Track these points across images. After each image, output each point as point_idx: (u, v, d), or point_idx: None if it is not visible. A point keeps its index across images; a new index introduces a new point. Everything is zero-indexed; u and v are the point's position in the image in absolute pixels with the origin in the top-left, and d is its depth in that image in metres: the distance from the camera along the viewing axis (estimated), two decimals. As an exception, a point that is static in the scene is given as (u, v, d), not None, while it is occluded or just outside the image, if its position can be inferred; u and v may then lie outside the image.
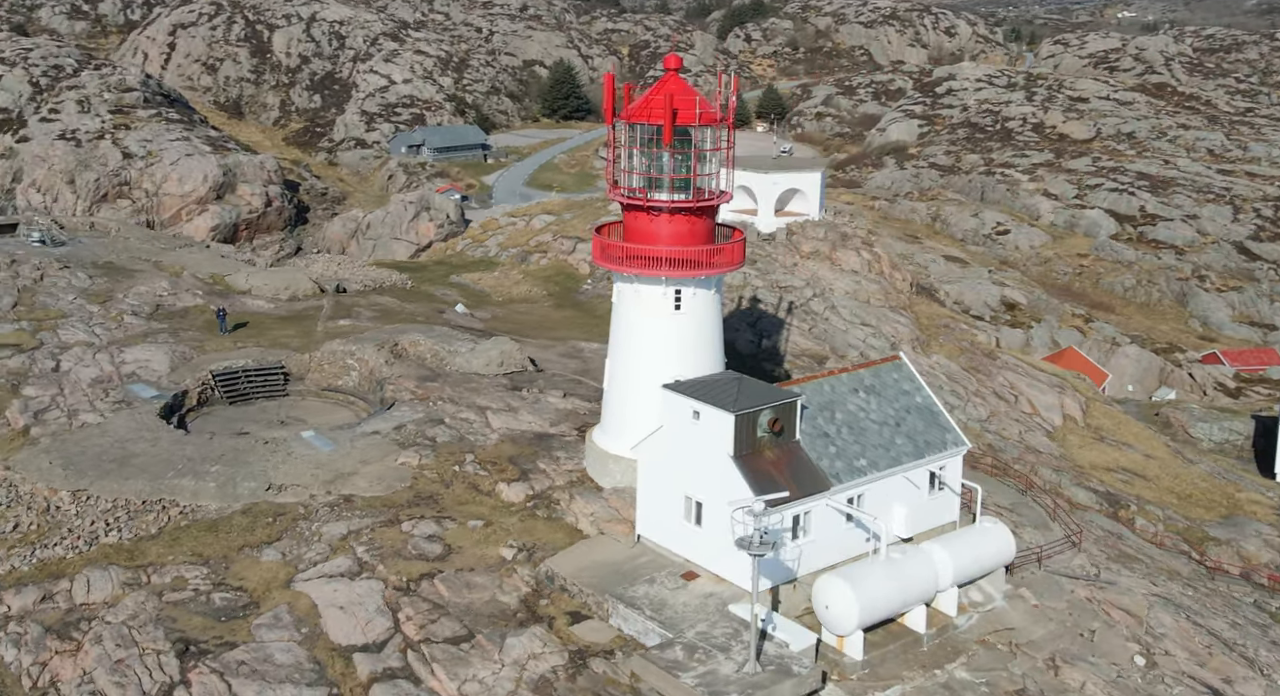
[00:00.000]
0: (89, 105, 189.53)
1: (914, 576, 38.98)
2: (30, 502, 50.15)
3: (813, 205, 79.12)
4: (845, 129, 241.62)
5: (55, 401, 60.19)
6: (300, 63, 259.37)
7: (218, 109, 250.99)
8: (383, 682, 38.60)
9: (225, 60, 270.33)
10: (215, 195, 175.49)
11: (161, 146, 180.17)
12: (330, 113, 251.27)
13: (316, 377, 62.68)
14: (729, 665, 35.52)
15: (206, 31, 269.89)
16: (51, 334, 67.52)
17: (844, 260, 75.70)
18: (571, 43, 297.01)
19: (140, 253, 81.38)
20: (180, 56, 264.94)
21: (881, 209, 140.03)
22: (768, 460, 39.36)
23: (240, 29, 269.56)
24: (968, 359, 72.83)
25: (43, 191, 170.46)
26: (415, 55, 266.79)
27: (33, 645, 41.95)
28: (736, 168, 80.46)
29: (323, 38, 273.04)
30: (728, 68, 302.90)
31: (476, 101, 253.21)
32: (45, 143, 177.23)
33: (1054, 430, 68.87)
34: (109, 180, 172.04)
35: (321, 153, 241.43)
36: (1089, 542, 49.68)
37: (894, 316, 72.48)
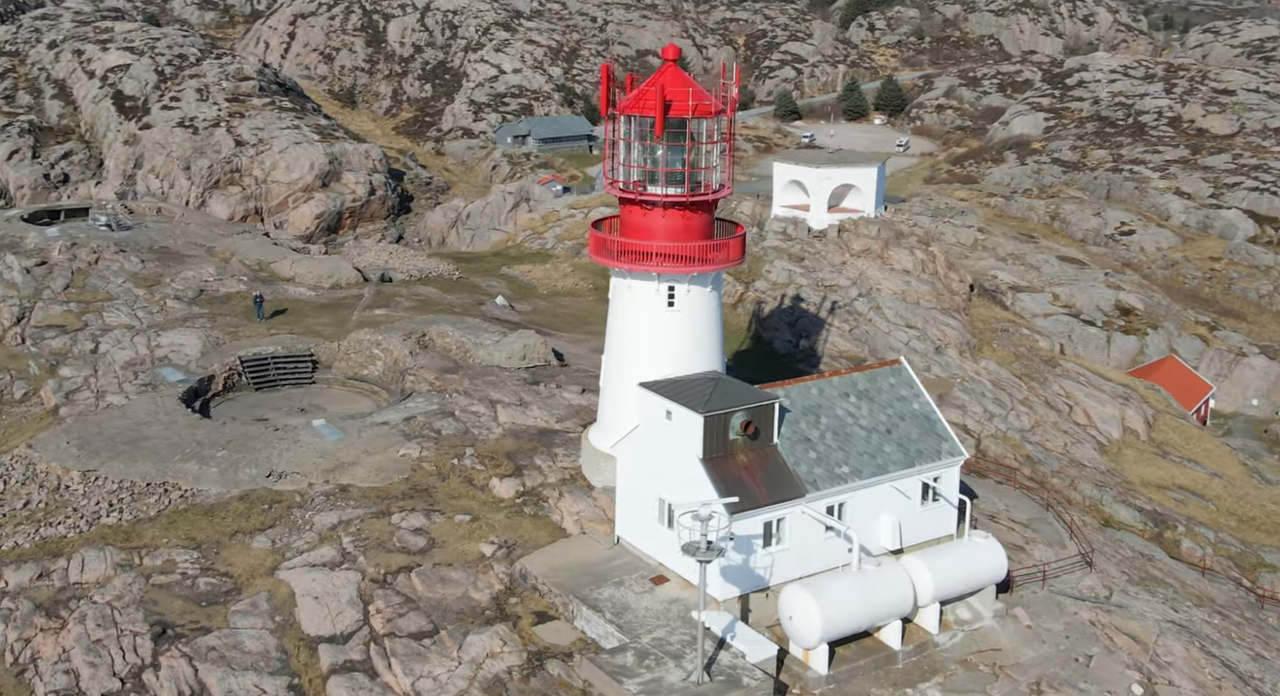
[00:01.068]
0: (208, 93, 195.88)
1: (887, 590, 37.93)
2: (43, 481, 51.87)
3: (868, 201, 77.58)
4: (967, 122, 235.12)
5: (87, 382, 62.23)
6: (413, 52, 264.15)
7: (332, 98, 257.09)
8: (340, 675, 39.00)
9: (341, 49, 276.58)
10: (321, 183, 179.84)
11: (272, 135, 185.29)
12: (440, 102, 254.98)
13: (343, 366, 63.65)
14: (678, 673, 35.02)
15: (325, 21, 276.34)
16: (97, 316, 69.85)
17: (896, 259, 74.08)
18: (686, 32, 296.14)
19: (197, 238, 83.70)
20: (299, 46, 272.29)
21: (997, 206, 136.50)
22: (739, 464, 38.69)
23: (357, 19, 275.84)
24: (1022, 365, 70.70)
25: (160, 177, 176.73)
26: (526, 45, 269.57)
27: (20, 621, 43.33)
28: (787, 162, 79.61)
29: (436, 27, 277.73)
30: (847, 58, 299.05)
31: (585, 92, 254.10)
32: (165, 130, 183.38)
33: (1109, 443, 66.42)
34: (221, 167, 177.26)
35: (429, 142, 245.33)
36: (1108, 563, 47.80)
37: (944, 319, 70.70)
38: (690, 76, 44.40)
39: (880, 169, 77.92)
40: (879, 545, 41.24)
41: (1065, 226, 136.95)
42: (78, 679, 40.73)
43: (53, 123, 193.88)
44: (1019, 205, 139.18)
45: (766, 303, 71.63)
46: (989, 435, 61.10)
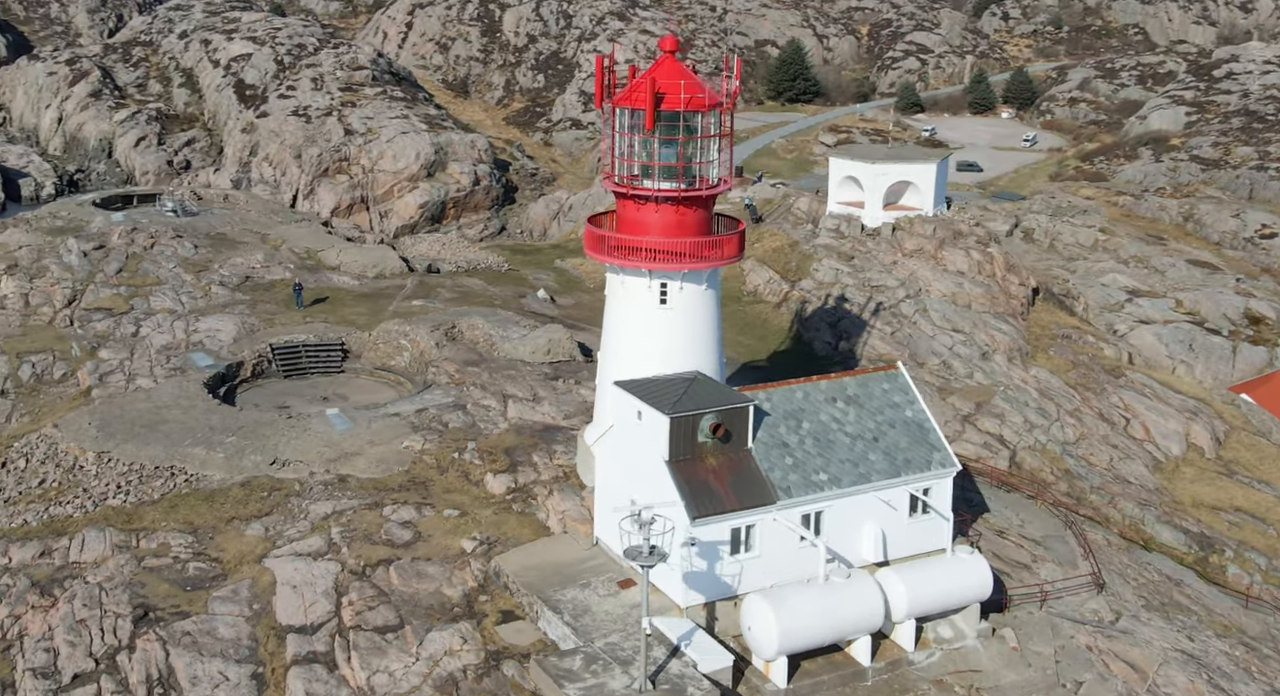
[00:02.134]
0: (322, 83, 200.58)
1: (854, 603, 36.98)
2: (60, 461, 53.59)
3: (927, 199, 75.82)
4: (1101, 116, 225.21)
5: (122, 365, 64.13)
6: (528, 42, 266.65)
7: (446, 87, 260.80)
8: (300, 666, 39.50)
9: (457, 39, 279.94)
10: (426, 173, 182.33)
11: (381, 124, 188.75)
12: (551, 93, 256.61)
13: (371, 356, 64.50)
14: (623, 680, 34.63)
15: (442, 11, 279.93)
16: (143, 300, 71.95)
17: (951, 260, 72.23)
18: (807, 21, 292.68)
19: (254, 225, 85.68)
20: (416, 35, 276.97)
21: (1125, 206, 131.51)
22: (707, 467, 38.10)
23: (474, 8, 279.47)
24: (1080, 374, 68.34)
25: (273, 165, 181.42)
26: (640, 35, 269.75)
27: (14, 598, 44.83)
28: (842, 157, 78.23)
29: (550, 17, 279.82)
30: (975, 48, 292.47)
31: None
32: (280, 118, 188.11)
33: (1165, 460, 63.76)
34: (330, 156, 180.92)
35: (538, 133, 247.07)
36: (1124, 586, 45.93)
37: (996, 323, 68.69)
38: (686, 68, 43.79)
39: (941, 165, 76.04)
40: (861, 557, 40.23)
41: (1199, 228, 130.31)
42: (56, 657, 42.03)
43: (179, 111, 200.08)
44: (1149, 205, 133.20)
45: (810, 302, 70.53)
46: (1025, 447, 59.22)
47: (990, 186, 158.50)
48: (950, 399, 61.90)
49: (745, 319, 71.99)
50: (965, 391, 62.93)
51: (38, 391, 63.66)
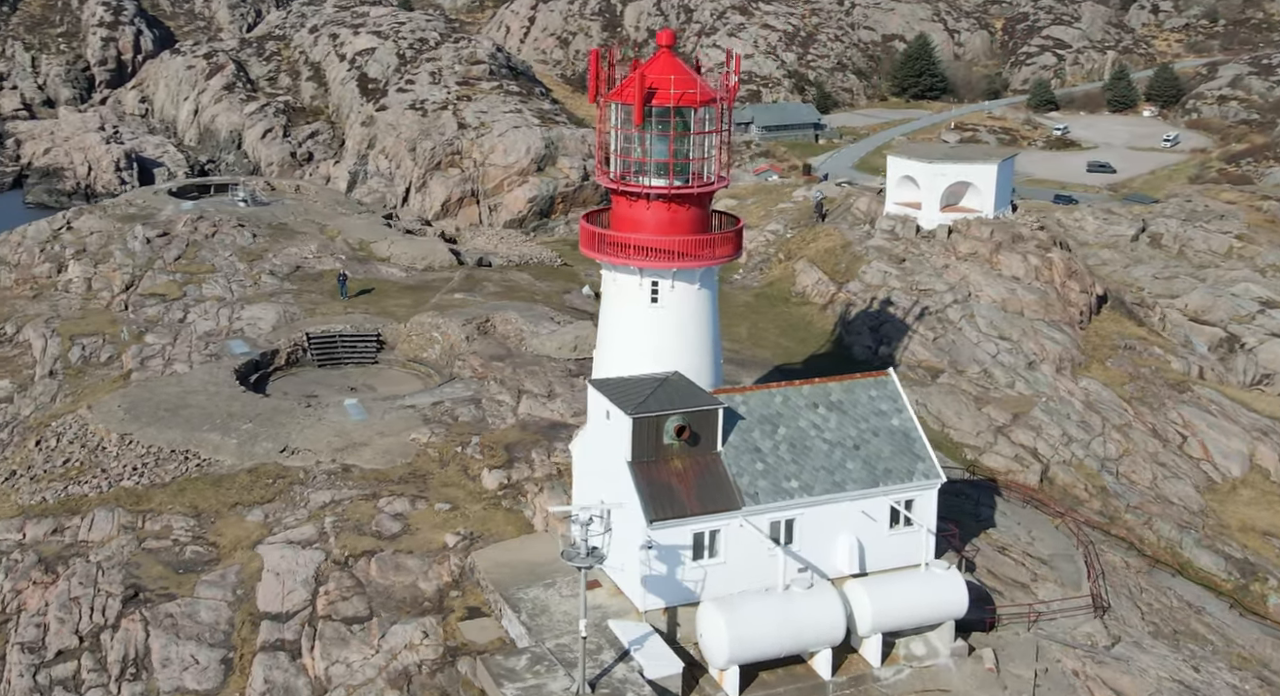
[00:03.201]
0: (440, 77, 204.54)
1: (813, 615, 36.17)
2: (86, 441, 55.34)
3: (987, 200, 73.71)
4: (1253, 115, 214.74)
5: (163, 350, 66.12)
6: (647, 37, 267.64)
7: (564, 82, 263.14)
8: (266, 652, 40.17)
9: (577, 34, 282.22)
10: (536, 168, 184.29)
11: (494, 118, 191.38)
12: None
13: (405, 348, 65.31)
14: (563, 682, 34.43)
15: (564, 6, 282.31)
16: (196, 287, 74.07)
17: (1006, 264, 70.14)
18: (938, 15, 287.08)
19: (317, 216, 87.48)
20: (538, 30, 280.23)
21: (1270, 211, 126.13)
22: (671, 470, 37.66)
23: (595, 4, 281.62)
24: (1137, 387, 65.78)
25: (389, 157, 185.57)
26: (761, 29, 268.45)
27: (20, 573, 46.46)
28: (901, 156, 76.61)
29: (671, 11, 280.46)
30: (1118, 43, 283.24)
31: (819, 78, 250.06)
32: (398, 112, 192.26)
33: (1221, 481, 61.03)
34: (443, 149, 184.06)
35: None
36: (1131, 611, 44.09)
37: (1048, 331, 66.53)
38: (682, 63, 43.32)
39: (1003, 166, 73.82)
40: (835, 568, 39.37)
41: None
42: (45, 633, 43.45)
43: (305, 103, 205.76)
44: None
45: (855, 305, 69.26)
46: (1060, 461, 57.23)
47: (1122, 188, 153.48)
48: (986, 409, 60.19)
49: (789, 320, 71.05)
50: (1003, 401, 61.14)
51: (84, 373, 66.01)
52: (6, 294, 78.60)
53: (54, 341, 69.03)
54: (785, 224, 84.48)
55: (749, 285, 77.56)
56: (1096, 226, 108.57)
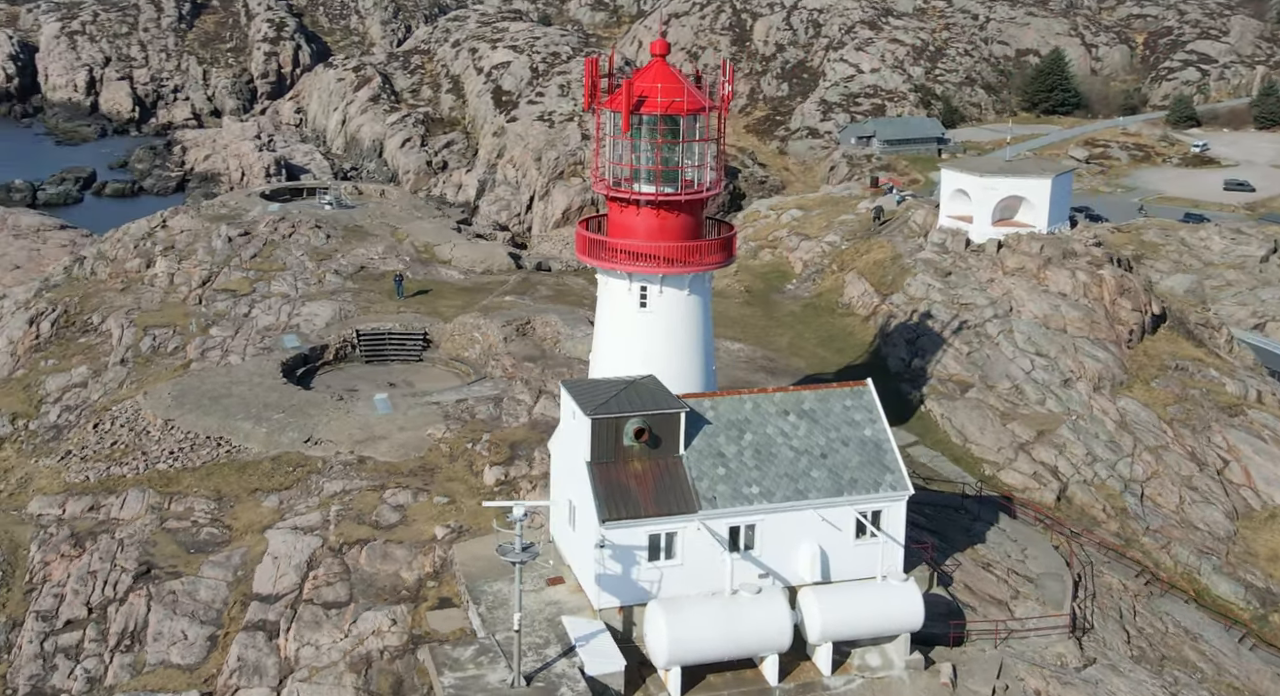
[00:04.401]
0: (569, 89, 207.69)
1: (758, 620, 35.60)
2: (134, 425, 57.42)
3: (1040, 215, 71.54)
4: None
5: (224, 343, 68.23)
6: (775, 51, 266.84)
7: None
8: (247, 632, 41.16)
9: (707, 48, 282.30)
10: None
11: None
12: (794, 101, 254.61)
13: (448, 347, 66.22)
14: (503, 673, 34.53)
15: (696, 20, 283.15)
16: (265, 284, 76.23)
17: (1053, 280, 67.89)
18: (1075, 30, 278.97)
19: (393, 219, 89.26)
20: None
21: None
22: (630, 471, 37.49)
23: (726, 18, 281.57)
24: (1181, 409, 63.02)
25: (516, 167, 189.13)
26: (889, 44, 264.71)
27: (51, 547, 48.47)
28: (954, 169, 74.88)
29: (800, 25, 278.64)
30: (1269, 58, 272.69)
31: (946, 93, 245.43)
32: (527, 123, 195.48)
33: (1260, 508, 58.08)
34: (565, 159, 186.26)
35: (775, 141, 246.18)
36: (1114, 634, 42.34)
37: (1091, 349, 64.20)
38: (677, 72, 43.16)
39: (1058, 181, 71.56)
40: (798, 575, 38.70)
41: None
42: (60, 603, 45.26)
43: (444, 115, 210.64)
44: None
45: (896, 317, 67.90)
46: (1080, 481, 55.16)
47: (1261, 207, 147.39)
48: (1011, 425, 58.43)
49: (830, 331, 70.04)
50: (1030, 418, 59.25)
51: (151, 362, 68.48)
52: (101, 286, 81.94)
53: (129, 331, 71.76)
54: (843, 235, 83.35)
55: (800, 295, 76.72)
56: (1223, 246, 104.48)
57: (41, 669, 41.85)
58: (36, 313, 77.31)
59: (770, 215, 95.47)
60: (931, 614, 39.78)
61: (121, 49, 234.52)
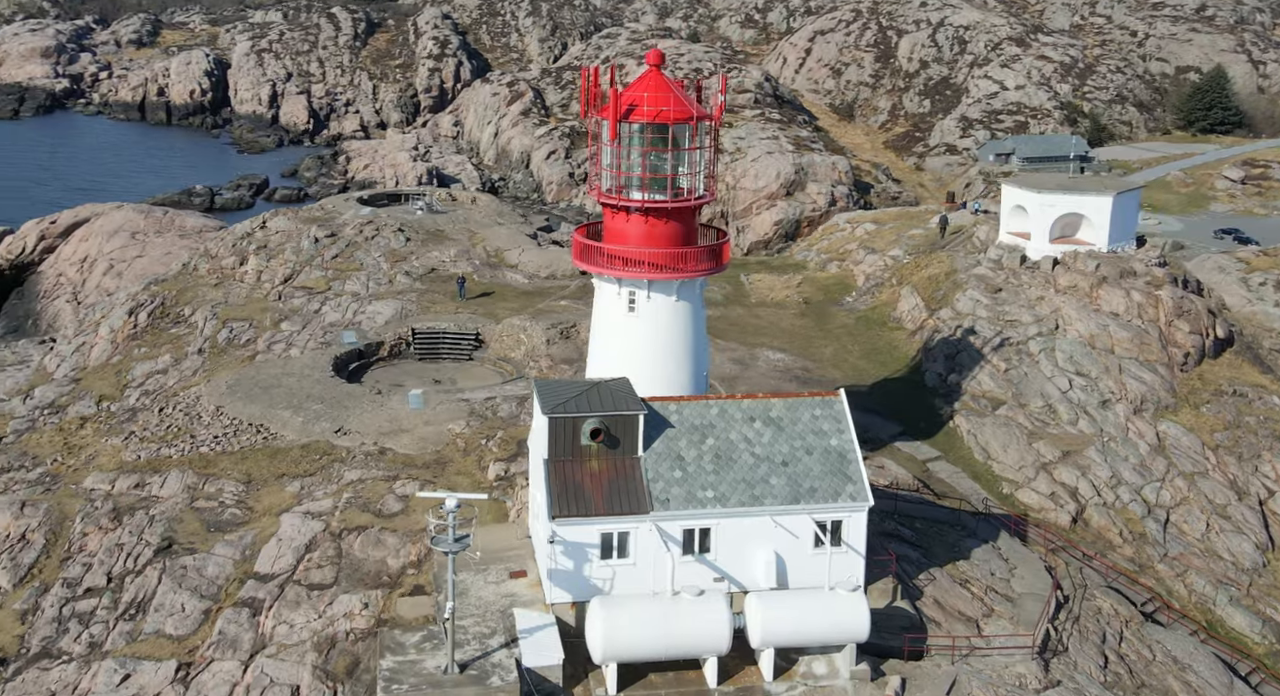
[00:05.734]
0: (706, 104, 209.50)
1: (695, 622, 35.25)
2: (191, 410, 59.83)
3: (1101, 234, 68.76)
4: None
5: (290, 337, 70.49)
6: (919, 67, 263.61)
7: (832, 111, 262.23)
8: (235, 608, 42.48)
9: (850, 65, 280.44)
10: (785, 192, 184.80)
11: (750, 144, 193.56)
12: (935, 118, 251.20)
13: (496, 348, 67.18)
14: (441, 660, 34.95)
15: (840, 37, 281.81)
16: (340, 283, 78.52)
17: (1106, 300, 65.22)
18: (1242, 46, 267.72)
19: (474, 225, 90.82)
20: (813, 61, 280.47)
21: None
22: (586, 470, 37.56)
23: (871, 35, 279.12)
24: (1230, 435, 59.91)
25: None
26: (1036, 60, 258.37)
27: (93, 519, 50.88)
28: (1013, 185, 72.65)
29: (945, 43, 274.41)
30: None
31: (1095, 110, 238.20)
32: None
33: (1299, 539, 55.00)
34: None
35: (912, 157, 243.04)
36: (1090, 659, 40.54)
37: (1136, 370, 61.51)
38: (670, 82, 43.12)
39: (1120, 199, 68.60)
40: (753, 581, 38.19)
41: None
42: (86, 571, 47.44)
43: (590, 128, 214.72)
44: None
45: (941, 332, 66.17)
46: (1098, 503, 52.83)
47: None
48: (1037, 444, 56.40)
49: (875, 344, 68.70)
50: (1058, 438, 57.09)
51: (224, 353, 71.20)
52: (199, 281, 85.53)
53: (211, 324, 74.75)
54: (907, 249, 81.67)
55: (856, 308, 75.47)
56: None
57: (55, 631, 43.91)
58: (136, 304, 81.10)
59: (846, 228, 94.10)
60: (891, 627, 38.95)
61: (302, 66, 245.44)
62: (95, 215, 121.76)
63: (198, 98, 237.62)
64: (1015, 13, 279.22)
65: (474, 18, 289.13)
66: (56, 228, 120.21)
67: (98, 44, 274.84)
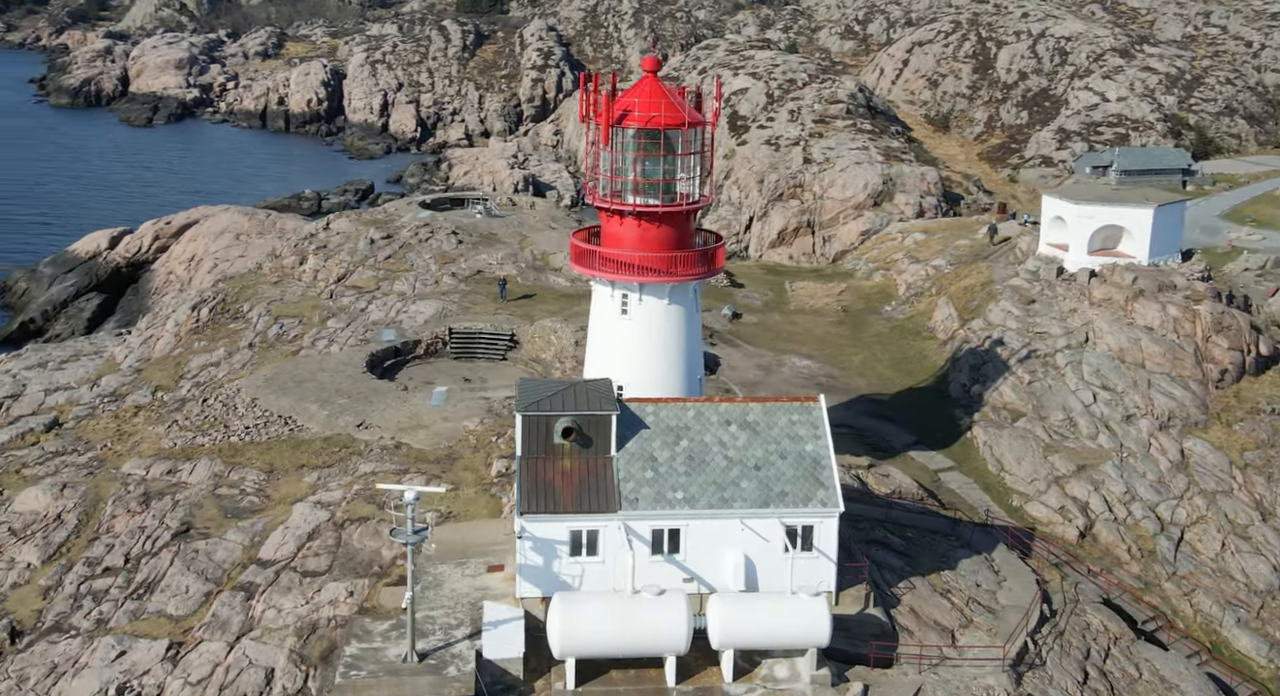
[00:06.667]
0: (798, 115, 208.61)
1: (651, 621, 35.14)
2: (229, 402, 61.44)
3: (1142, 247, 66.81)
4: None
5: (334, 334, 71.90)
6: (1018, 78, 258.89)
7: (926, 122, 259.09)
8: (231, 591, 43.45)
9: (947, 76, 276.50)
10: (872, 202, 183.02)
11: (839, 154, 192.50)
12: (1032, 129, 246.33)
13: (528, 348, 67.75)
14: (401, 649, 35.39)
15: (939, 49, 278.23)
16: (390, 283, 79.84)
17: (1141, 313, 63.32)
18: None
19: (526, 229, 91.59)
20: (910, 72, 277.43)
21: None
22: (558, 468, 37.73)
23: (970, 46, 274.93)
24: (1262, 454, 57.72)
25: (740, 188, 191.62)
26: (1140, 72, 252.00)
27: (123, 503, 52.54)
28: (1054, 196, 71.02)
29: (1045, 53, 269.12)
30: None
31: (1200, 123, 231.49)
32: (755, 147, 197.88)
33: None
34: (785, 182, 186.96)
35: (1006, 169, 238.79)
36: (1067, 673, 39.45)
37: (1166, 386, 59.62)
38: (665, 88, 43.14)
39: (1164, 211, 66.50)
40: (722, 583, 37.98)
41: None
42: (108, 551, 48.97)
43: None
44: None
45: (970, 343, 64.93)
46: (1109, 519, 51.29)
47: None
48: (1052, 457, 55.02)
49: (905, 353, 67.70)
50: (1075, 452, 55.64)
51: (273, 348, 72.88)
52: (262, 279, 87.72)
53: (264, 320, 76.60)
54: (950, 259, 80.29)
55: (893, 317, 74.47)
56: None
57: (69, 607, 45.39)
58: (200, 300, 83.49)
59: (897, 237, 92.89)
60: (861, 633, 38.41)
61: (413, 76, 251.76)
62: (205, 217, 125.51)
63: (314, 106, 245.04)
64: (1123, 24, 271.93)
65: (578, 29, 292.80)
66: (170, 228, 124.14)
67: (227, 56, 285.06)
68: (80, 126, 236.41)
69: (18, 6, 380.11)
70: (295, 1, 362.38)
